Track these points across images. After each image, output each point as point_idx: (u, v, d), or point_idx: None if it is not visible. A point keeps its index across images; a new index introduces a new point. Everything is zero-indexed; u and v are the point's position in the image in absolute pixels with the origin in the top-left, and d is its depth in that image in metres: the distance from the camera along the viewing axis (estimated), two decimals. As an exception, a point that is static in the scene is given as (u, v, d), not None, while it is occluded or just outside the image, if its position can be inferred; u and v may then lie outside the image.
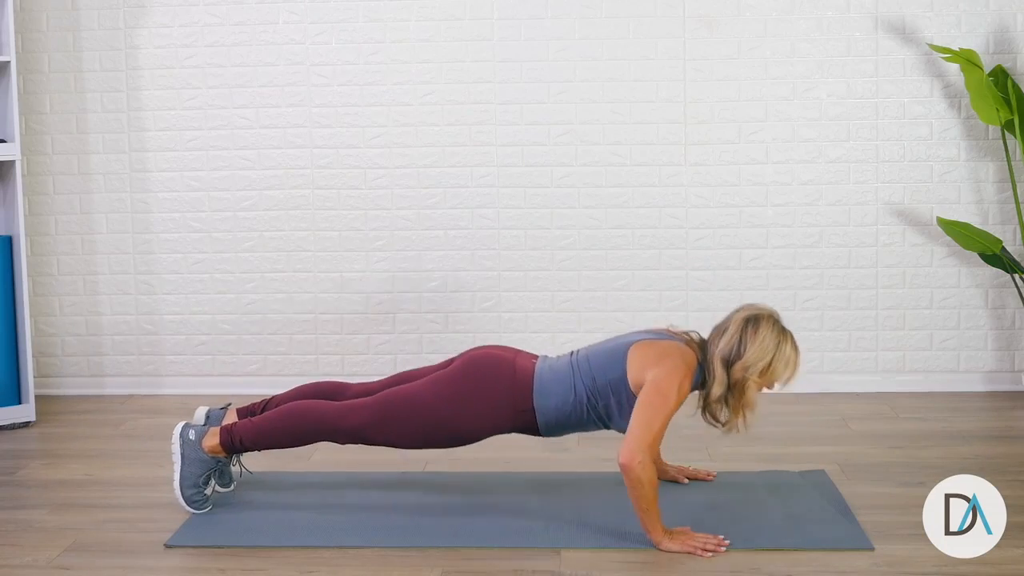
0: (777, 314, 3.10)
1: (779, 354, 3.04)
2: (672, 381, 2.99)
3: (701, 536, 2.95)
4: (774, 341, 3.03)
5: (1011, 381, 4.65)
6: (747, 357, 3.01)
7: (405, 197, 4.72)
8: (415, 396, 3.16)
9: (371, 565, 2.88)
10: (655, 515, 2.93)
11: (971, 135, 4.60)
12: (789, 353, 3.06)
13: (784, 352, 3.05)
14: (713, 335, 3.11)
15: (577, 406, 3.11)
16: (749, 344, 3.02)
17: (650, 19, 4.63)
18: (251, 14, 4.70)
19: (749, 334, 3.03)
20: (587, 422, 3.16)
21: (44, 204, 4.81)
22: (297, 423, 3.21)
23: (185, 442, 3.23)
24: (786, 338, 3.06)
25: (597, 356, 3.15)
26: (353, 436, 3.20)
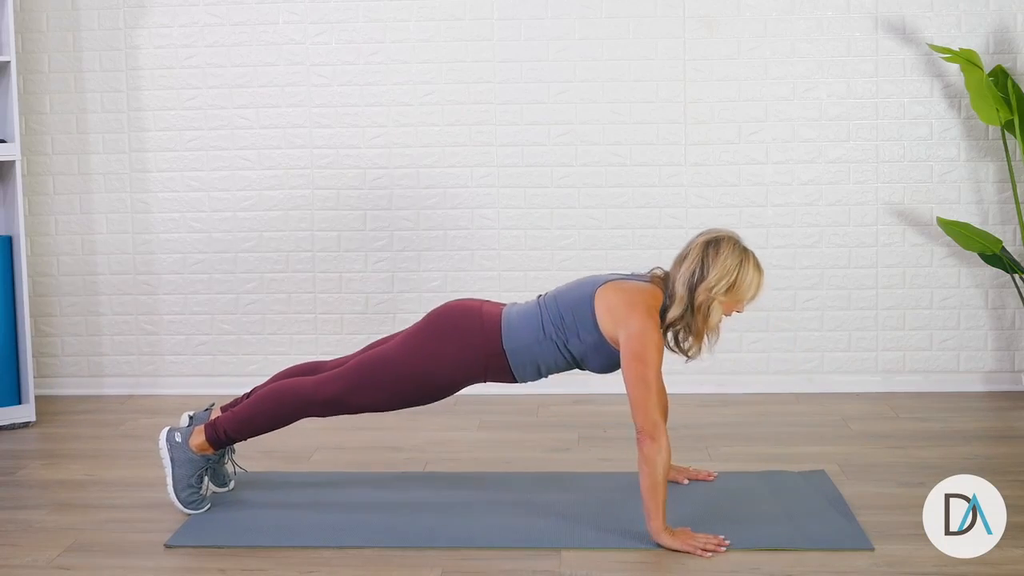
0: (738, 235, 3.09)
1: (742, 273, 3.02)
2: (645, 340, 2.98)
3: (701, 536, 2.95)
4: (736, 260, 3.02)
5: (1011, 381, 4.65)
6: (710, 278, 3.00)
7: (405, 197, 4.72)
8: (386, 356, 3.17)
9: (371, 565, 2.88)
10: (661, 501, 2.92)
11: (971, 135, 4.60)
12: (752, 272, 3.04)
13: (747, 271, 3.03)
14: (675, 263, 3.11)
15: (547, 344, 3.11)
16: (711, 266, 3.01)
17: (650, 19, 4.63)
18: (251, 14, 4.70)
19: (711, 256, 3.02)
20: (560, 362, 3.15)
21: (44, 204, 4.81)
22: (275, 404, 3.22)
23: (172, 445, 3.23)
24: (748, 257, 3.05)
25: (564, 296, 3.15)
26: (331, 406, 3.20)
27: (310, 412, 3.23)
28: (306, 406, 3.21)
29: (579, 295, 3.13)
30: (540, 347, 3.12)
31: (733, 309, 3.08)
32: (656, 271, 3.18)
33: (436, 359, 3.13)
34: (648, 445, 2.92)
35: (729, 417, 4.29)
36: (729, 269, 3.01)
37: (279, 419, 3.24)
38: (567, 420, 4.28)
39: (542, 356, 3.14)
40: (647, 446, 2.92)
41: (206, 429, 3.24)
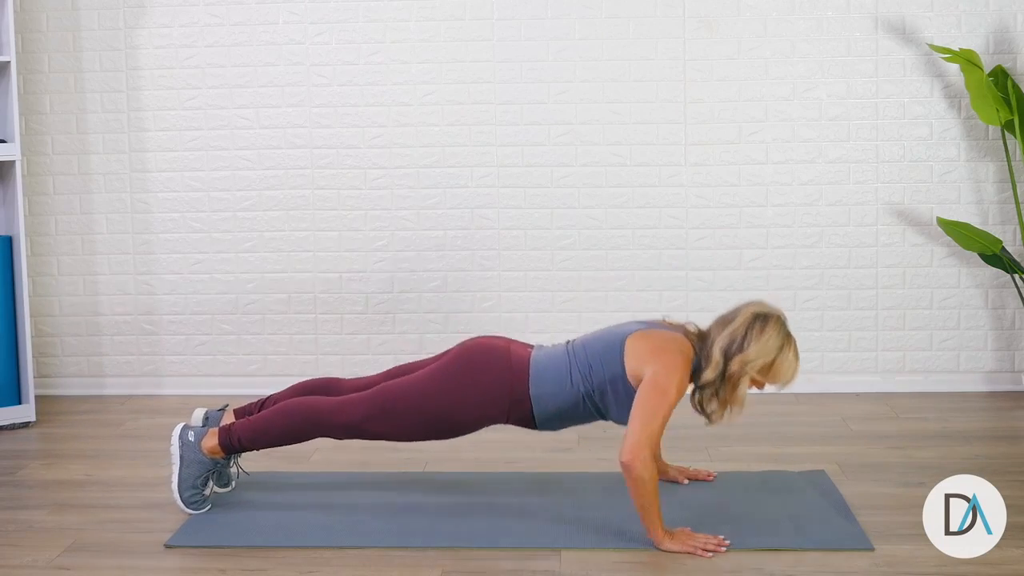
0: (785, 316, 3.09)
1: (781, 357, 3.03)
2: (671, 377, 2.98)
3: (701, 536, 2.95)
4: (778, 343, 3.02)
5: (1011, 381, 4.65)
6: (748, 352, 3.00)
7: (405, 197, 4.72)
8: (410, 388, 3.15)
9: (371, 565, 2.88)
10: (656, 514, 2.92)
11: (971, 135, 4.60)
12: (791, 358, 3.04)
13: (786, 356, 3.04)
14: (717, 323, 3.10)
15: (573, 395, 3.10)
16: (753, 340, 3.01)
17: (650, 19, 4.63)
18: (251, 14, 4.70)
19: (755, 330, 3.02)
20: (583, 413, 3.14)
21: (44, 204, 4.81)
22: (293, 420, 3.21)
23: (184, 444, 3.23)
24: (790, 343, 3.05)
25: (593, 345, 3.13)
26: (349, 431, 3.19)
27: (327, 433, 3.22)
28: (324, 427, 3.20)
29: (608, 344, 3.10)
30: (565, 396, 3.10)
31: (757, 384, 3.07)
32: (689, 326, 3.16)
33: (461, 399, 3.12)
34: (636, 467, 2.87)
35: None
36: (770, 349, 3.01)
37: (295, 435, 3.23)
38: (567, 420, 4.28)
39: (566, 406, 3.12)
40: (635, 468, 2.87)
41: (220, 434, 3.23)
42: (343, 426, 3.18)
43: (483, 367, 3.13)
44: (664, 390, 2.96)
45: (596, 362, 3.09)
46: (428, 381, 3.15)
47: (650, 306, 4.69)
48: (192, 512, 3.22)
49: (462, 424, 3.16)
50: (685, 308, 4.68)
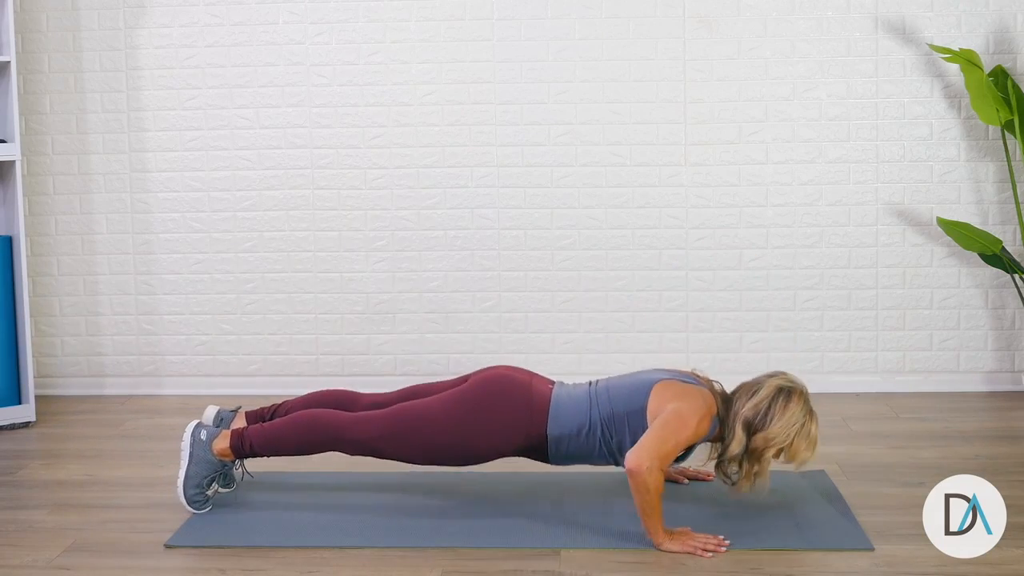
0: (808, 391, 3.09)
1: (802, 434, 3.02)
2: (693, 414, 2.98)
3: (701, 536, 2.95)
4: (800, 421, 3.02)
5: (1011, 381, 4.65)
6: (771, 430, 3.00)
7: (405, 197, 4.72)
8: (427, 412, 3.15)
9: (371, 565, 2.88)
10: (658, 518, 2.92)
11: (971, 135, 4.60)
12: (813, 436, 3.04)
13: (809, 433, 3.03)
14: (741, 391, 3.09)
15: (590, 437, 3.10)
16: (776, 417, 3.00)
17: (650, 19, 4.63)
18: (251, 14, 4.70)
19: (779, 406, 3.01)
20: (597, 455, 3.13)
21: (44, 204, 4.81)
22: (308, 432, 3.22)
23: (196, 441, 3.23)
24: (812, 420, 3.04)
25: (618, 389, 3.12)
26: (362, 448, 3.20)
27: (341, 448, 3.23)
28: (337, 442, 3.21)
29: (634, 388, 3.10)
30: (583, 440, 3.10)
31: (778, 458, 3.07)
32: (716, 384, 3.16)
33: (477, 429, 3.12)
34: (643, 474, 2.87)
35: (729, 417, 4.29)
36: (792, 428, 3.00)
37: (309, 447, 3.24)
38: (567, 420, 4.27)
39: (581, 449, 3.12)
40: (642, 475, 2.87)
41: (232, 437, 3.24)
42: (355, 443, 3.19)
43: (503, 401, 3.12)
44: (685, 421, 2.96)
45: (619, 405, 3.08)
46: (446, 408, 3.15)
47: (650, 306, 4.69)
48: (193, 511, 3.22)
49: (474, 454, 3.17)
50: (685, 308, 4.68)
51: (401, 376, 4.74)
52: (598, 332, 4.73)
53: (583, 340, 4.73)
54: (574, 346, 4.73)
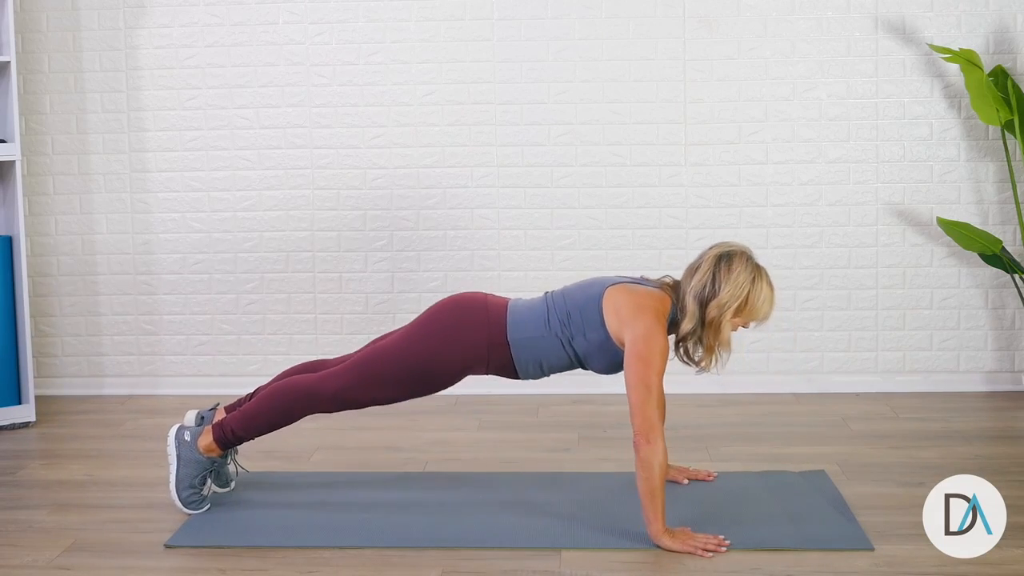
0: (750, 251, 3.08)
1: (754, 291, 3.01)
2: (650, 344, 2.97)
3: (701, 536, 2.95)
4: (748, 278, 3.01)
5: (1011, 381, 4.65)
6: (721, 295, 3.00)
7: (405, 197, 4.72)
8: (390, 348, 3.17)
9: (371, 565, 2.88)
10: (660, 508, 2.91)
11: (971, 135, 4.60)
12: (765, 291, 3.03)
13: (759, 290, 3.02)
14: (686, 273, 3.10)
15: (551, 340, 3.11)
16: (723, 282, 3.00)
17: (650, 19, 4.63)
18: (251, 14, 4.70)
19: (723, 271, 3.01)
20: (563, 360, 3.15)
21: (44, 204, 4.81)
22: (281, 401, 3.22)
23: (180, 443, 3.23)
24: (761, 275, 3.04)
25: (572, 294, 3.15)
26: (337, 401, 3.20)
27: (317, 408, 3.22)
28: (313, 402, 3.20)
29: (588, 294, 3.13)
30: (544, 342, 3.12)
31: (741, 325, 3.07)
32: (666, 279, 3.18)
33: (440, 349, 3.13)
34: (644, 448, 2.91)
35: (729, 417, 4.29)
36: (741, 287, 3.00)
37: (286, 415, 3.23)
38: (567, 420, 4.28)
39: (545, 352, 3.13)
40: (644, 449, 2.91)
41: (213, 430, 3.24)
42: (331, 397, 3.18)
43: (460, 317, 3.14)
44: (647, 360, 2.96)
45: (575, 311, 3.10)
46: (407, 338, 3.17)
47: (650, 306, 4.69)
48: (191, 512, 3.22)
49: (444, 375, 3.16)
50: (685, 308, 4.68)
51: (401, 376, 4.74)
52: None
53: (583, 340, 4.73)
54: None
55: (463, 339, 3.13)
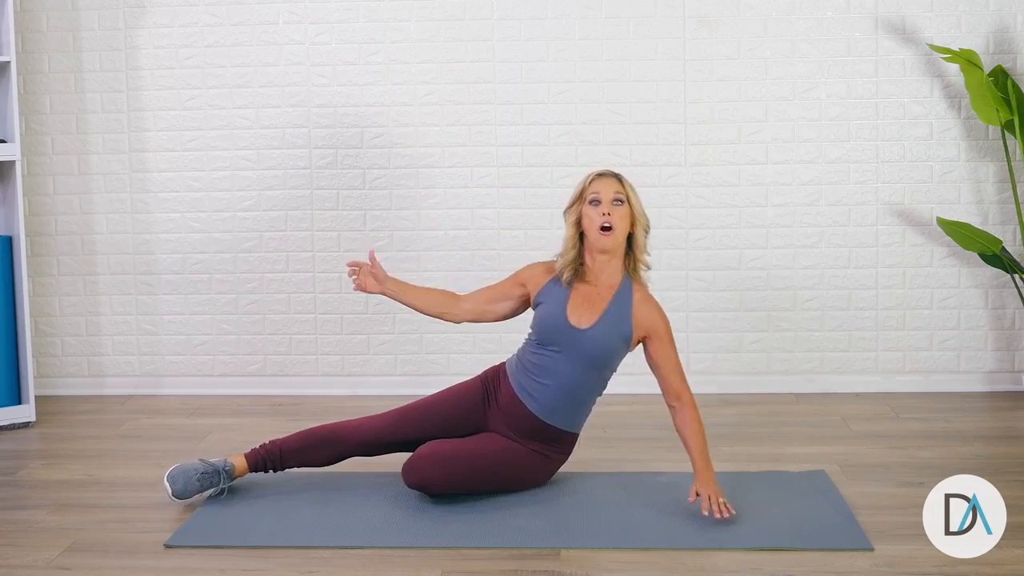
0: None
1: (585, 180, 3.36)
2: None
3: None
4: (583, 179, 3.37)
5: (1011, 381, 4.65)
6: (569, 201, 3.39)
7: (405, 198, 4.72)
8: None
9: (371, 565, 2.88)
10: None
11: (971, 135, 4.60)
12: (591, 174, 3.37)
13: (588, 177, 3.36)
14: None
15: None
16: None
17: (650, 19, 4.63)
18: (251, 14, 4.70)
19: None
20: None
21: (44, 204, 4.81)
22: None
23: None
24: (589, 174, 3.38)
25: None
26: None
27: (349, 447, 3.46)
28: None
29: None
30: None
31: (596, 212, 3.27)
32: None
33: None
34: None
35: (729, 417, 4.29)
36: (579, 184, 3.39)
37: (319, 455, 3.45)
38: (567, 420, 4.27)
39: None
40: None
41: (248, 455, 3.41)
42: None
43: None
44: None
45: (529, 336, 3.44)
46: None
47: (650, 306, 4.69)
48: (169, 485, 3.25)
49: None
50: (685, 308, 4.68)
51: (401, 376, 4.74)
52: (598, 332, 4.72)
53: (583, 340, 4.73)
54: (574, 346, 4.73)
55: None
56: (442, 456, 3.24)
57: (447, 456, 3.25)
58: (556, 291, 3.33)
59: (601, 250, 3.28)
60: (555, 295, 3.32)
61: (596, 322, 3.26)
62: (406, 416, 3.41)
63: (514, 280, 3.46)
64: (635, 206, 3.29)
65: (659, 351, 3.28)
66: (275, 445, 3.39)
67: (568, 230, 3.35)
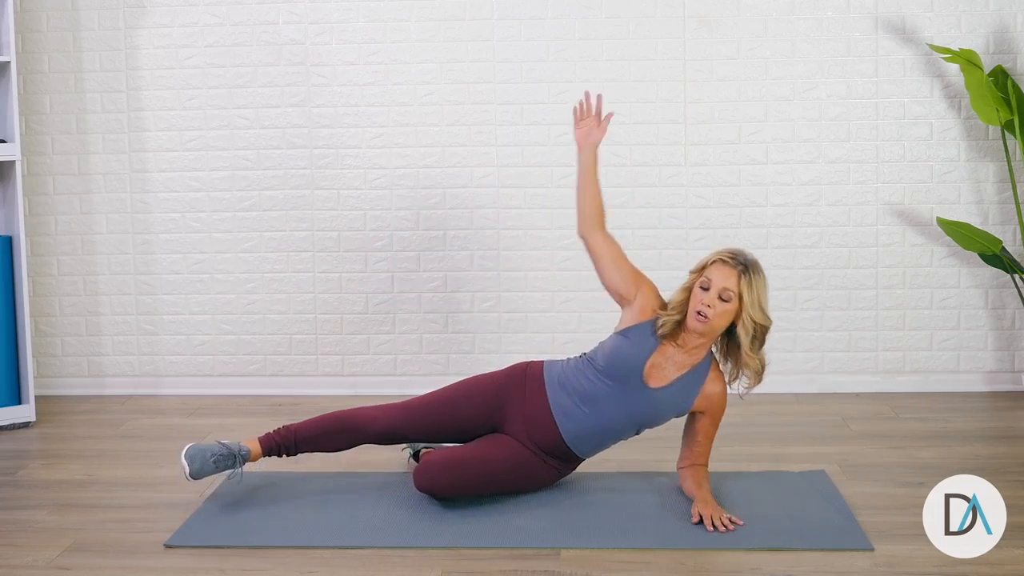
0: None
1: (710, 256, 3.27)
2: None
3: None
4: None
5: (1011, 381, 4.65)
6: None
7: (405, 197, 4.72)
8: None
9: (371, 565, 2.88)
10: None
11: (971, 135, 4.60)
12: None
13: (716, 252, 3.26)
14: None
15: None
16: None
17: (650, 19, 4.63)
18: (251, 14, 4.70)
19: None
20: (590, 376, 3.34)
21: (44, 204, 4.81)
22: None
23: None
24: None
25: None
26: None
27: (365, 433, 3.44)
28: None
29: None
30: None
31: (700, 298, 3.17)
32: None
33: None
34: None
35: (729, 417, 4.27)
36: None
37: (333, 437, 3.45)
38: (567, 420, 4.27)
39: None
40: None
41: (261, 441, 3.38)
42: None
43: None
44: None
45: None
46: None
47: (650, 306, 4.69)
48: (186, 461, 3.23)
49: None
50: (685, 308, 4.68)
51: (401, 376, 4.74)
52: (599, 332, 4.70)
53: (584, 340, 4.72)
54: (575, 346, 4.72)
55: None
56: (455, 462, 3.22)
57: (459, 462, 3.23)
58: (646, 337, 3.26)
59: (694, 331, 3.20)
60: (644, 340, 3.26)
61: (665, 386, 3.24)
62: (423, 409, 3.38)
63: (636, 277, 3.38)
64: (746, 303, 3.14)
65: (705, 426, 3.31)
66: (289, 430, 3.38)
67: (679, 294, 3.25)
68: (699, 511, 3.12)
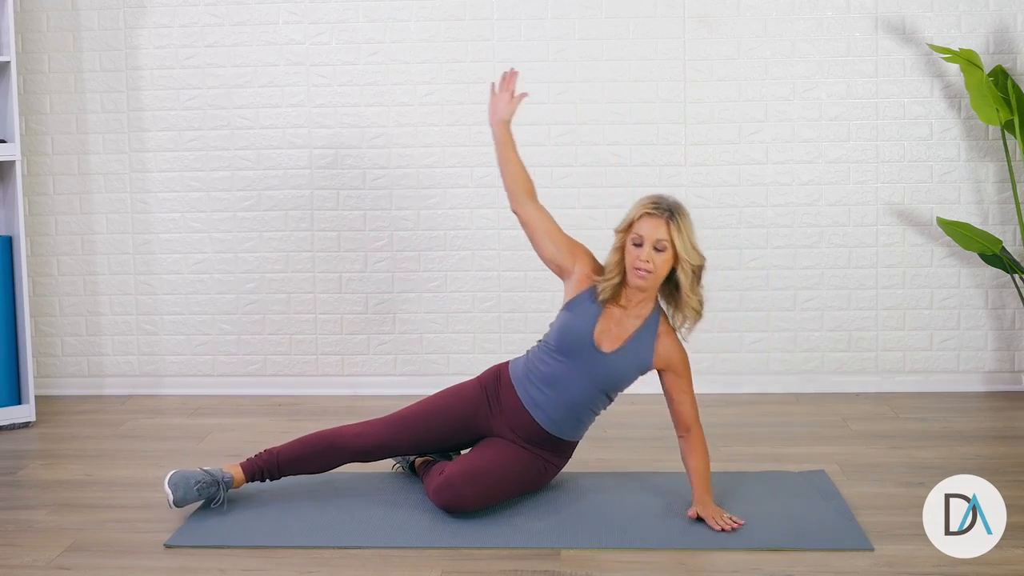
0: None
1: (633, 210, 3.25)
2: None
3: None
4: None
5: (1011, 381, 4.65)
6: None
7: (405, 197, 4.72)
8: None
9: (371, 565, 2.88)
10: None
11: (971, 135, 4.60)
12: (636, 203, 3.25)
13: (636, 204, 3.25)
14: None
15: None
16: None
17: (650, 19, 4.63)
18: (251, 14, 4.70)
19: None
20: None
21: (44, 204, 4.81)
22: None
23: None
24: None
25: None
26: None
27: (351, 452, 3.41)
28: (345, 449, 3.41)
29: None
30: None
31: (636, 254, 3.19)
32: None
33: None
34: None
35: (729, 417, 4.29)
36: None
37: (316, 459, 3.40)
38: (567, 420, 4.27)
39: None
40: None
41: (243, 466, 3.34)
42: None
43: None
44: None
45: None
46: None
47: (650, 306, 4.69)
48: (170, 490, 3.20)
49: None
50: (685, 308, 4.68)
51: (401, 376, 4.74)
52: (598, 332, 4.72)
53: (583, 340, 4.73)
54: (574, 346, 4.73)
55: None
56: (479, 471, 3.20)
57: (483, 469, 3.21)
58: (588, 305, 3.27)
59: (636, 288, 3.23)
60: (586, 309, 3.27)
61: (619, 348, 3.24)
62: (405, 423, 3.36)
63: (571, 247, 3.40)
64: (679, 249, 3.19)
65: (675, 384, 3.28)
66: (272, 454, 3.34)
67: (613, 255, 3.27)
68: (699, 512, 3.12)
